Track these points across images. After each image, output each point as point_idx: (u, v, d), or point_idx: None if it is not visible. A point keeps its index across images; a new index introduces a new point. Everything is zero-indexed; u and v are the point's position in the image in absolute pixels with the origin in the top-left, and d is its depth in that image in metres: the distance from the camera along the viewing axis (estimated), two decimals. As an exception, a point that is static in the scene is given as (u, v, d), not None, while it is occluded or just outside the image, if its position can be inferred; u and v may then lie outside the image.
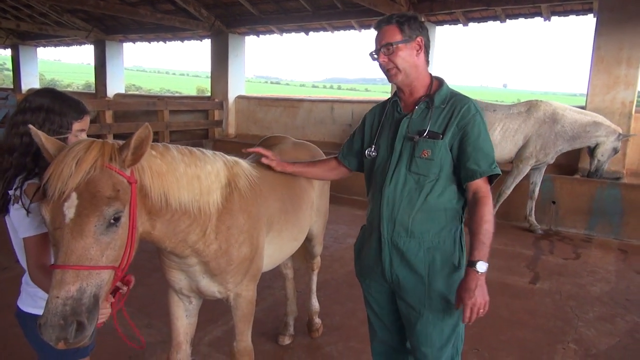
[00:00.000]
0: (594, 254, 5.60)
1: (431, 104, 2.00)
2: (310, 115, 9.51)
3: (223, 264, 2.07)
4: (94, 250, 1.41)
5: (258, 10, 9.58)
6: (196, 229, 1.91)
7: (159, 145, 1.78)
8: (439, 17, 8.33)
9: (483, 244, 1.87)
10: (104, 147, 1.48)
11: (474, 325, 3.65)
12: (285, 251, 2.71)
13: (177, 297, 2.29)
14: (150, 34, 11.84)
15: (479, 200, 1.93)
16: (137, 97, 13.68)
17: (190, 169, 1.83)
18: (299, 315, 3.69)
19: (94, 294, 1.41)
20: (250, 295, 2.31)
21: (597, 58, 6.62)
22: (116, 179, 1.48)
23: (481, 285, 1.84)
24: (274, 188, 2.45)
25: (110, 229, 1.45)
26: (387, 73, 2.02)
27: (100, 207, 1.41)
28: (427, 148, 1.95)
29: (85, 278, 1.39)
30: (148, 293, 4.19)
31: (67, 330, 1.34)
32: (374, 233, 2.10)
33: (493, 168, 1.94)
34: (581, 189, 6.36)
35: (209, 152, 2.05)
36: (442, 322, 2.03)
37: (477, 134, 1.93)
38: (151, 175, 1.63)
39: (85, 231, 1.40)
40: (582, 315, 4.01)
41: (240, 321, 2.33)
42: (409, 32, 1.97)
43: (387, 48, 1.95)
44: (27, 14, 12.34)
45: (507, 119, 6.12)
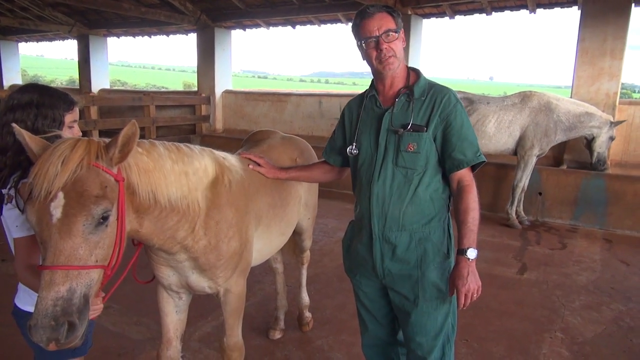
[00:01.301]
0: (579, 244, 5.69)
1: (411, 96, 2.00)
2: (298, 109, 9.48)
3: (212, 259, 2.07)
4: (83, 250, 1.40)
5: (244, 4, 9.50)
6: (185, 225, 1.89)
7: (145, 142, 1.77)
8: (425, 9, 8.33)
9: (471, 231, 1.90)
10: (90, 145, 1.46)
11: (463, 316, 3.71)
12: (274, 245, 2.72)
13: (166, 294, 2.28)
14: (135, 28, 11.67)
15: (463, 189, 1.96)
16: (123, 92, 13.49)
17: (177, 166, 1.81)
18: (290, 309, 3.70)
19: (84, 293, 1.40)
20: (240, 290, 2.31)
21: (582, 50, 6.68)
22: (103, 177, 1.46)
23: (472, 271, 1.88)
24: (262, 182, 2.45)
25: (99, 228, 1.43)
26: (384, 61, 1.95)
27: (88, 206, 1.40)
28: (412, 141, 1.96)
29: (74, 278, 1.38)
30: (137, 290, 4.11)
31: (58, 331, 1.33)
32: (364, 229, 2.10)
33: (478, 156, 1.97)
34: (567, 180, 6.44)
35: (196, 148, 2.04)
36: (435, 311, 2.06)
37: (460, 124, 1.95)
38: (138, 172, 1.62)
39: (73, 231, 1.38)
40: (568, 305, 4.07)
41: (231, 316, 2.32)
42: (399, 24, 1.98)
43: (388, 35, 1.93)
44: (8, 8, 12.05)
45: (501, 111, 6.16)
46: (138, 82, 68.67)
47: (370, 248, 2.07)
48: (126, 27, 11.72)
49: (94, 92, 11.99)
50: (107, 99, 9.99)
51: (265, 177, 2.45)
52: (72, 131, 1.85)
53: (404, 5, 7.96)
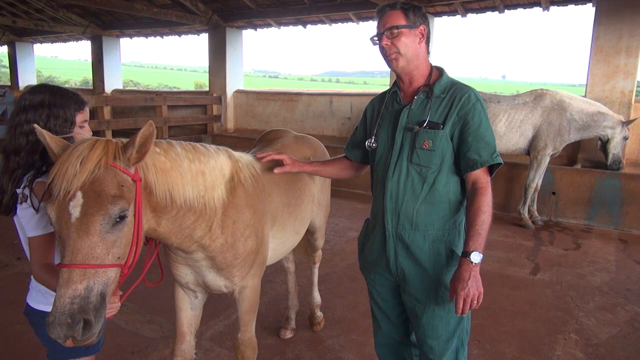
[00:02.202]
0: (594, 244, 5.61)
1: (431, 94, 1.98)
2: (309, 109, 9.48)
3: (229, 258, 2.08)
4: (100, 249, 1.42)
5: (255, 4, 9.52)
6: (202, 224, 1.91)
7: (163, 142, 1.79)
8: (437, 8, 8.27)
9: (479, 235, 1.84)
10: (108, 146, 1.48)
11: (475, 317, 3.69)
12: (288, 244, 2.72)
13: (182, 292, 2.31)
14: (147, 28, 11.76)
15: (477, 191, 1.91)
16: (135, 92, 13.61)
17: (194, 165, 1.83)
18: (301, 309, 3.70)
19: (101, 292, 1.42)
20: (255, 287, 2.33)
21: (596, 48, 6.59)
22: (121, 177, 1.48)
23: (475, 276, 1.81)
24: (276, 182, 2.46)
25: (116, 227, 1.45)
26: (387, 58, 1.98)
27: (106, 205, 1.42)
28: (427, 139, 1.94)
29: (92, 276, 1.40)
30: (150, 288, 4.17)
31: (74, 329, 1.35)
32: (378, 226, 2.09)
33: (494, 157, 1.91)
34: (581, 179, 6.36)
35: (212, 147, 2.06)
36: (448, 314, 2.03)
37: (478, 123, 1.91)
38: (155, 172, 1.64)
39: (91, 230, 1.40)
40: (582, 306, 4.02)
41: (246, 312, 2.34)
42: (414, 19, 1.95)
43: (391, 32, 1.93)
44: (24, 10, 12.25)
45: (512, 110, 6.09)
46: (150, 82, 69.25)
47: (384, 245, 2.06)
48: (138, 27, 11.82)
49: (107, 93, 12.13)
50: (120, 99, 10.08)
51: (277, 177, 2.45)
52: (83, 130, 1.87)
53: (416, 3, 7.91)
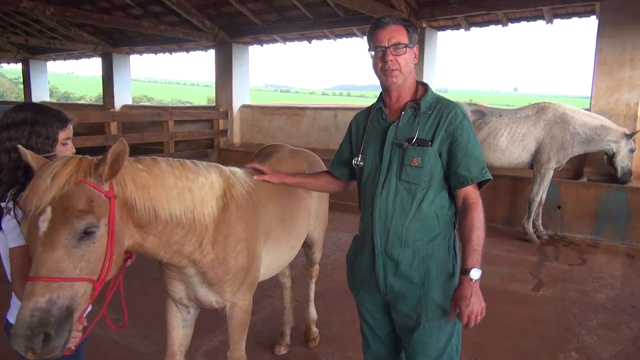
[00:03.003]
0: (600, 260, 5.51)
1: (418, 110, 1.98)
2: (314, 123, 9.52)
3: (220, 274, 2.09)
4: (66, 263, 1.43)
5: (261, 20, 9.65)
6: (191, 240, 1.93)
7: (147, 158, 1.82)
8: (440, 22, 8.30)
9: (475, 251, 1.85)
10: (81, 163, 1.51)
11: (474, 334, 3.62)
12: (284, 259, 2.72)
13: (175, 308, 2.32)
14: (156, 45, 11.97)
15: (469, 207, 1.91)
16: (143, 108, 13.83)
17: (180, 182, 1.85)
18: (297, 324, 3.68)
19: (67, 306, 1.42)
20: (246, 305, 2.33)
21: (600, 60, 6.54)
22: (91, 193, 1.49)
23: (476, 292, 1.83)
24: (271, 197, 2.46)
25: (83, 242, 1.46)
26: (386, 73, 1.96)
27: (71, 220, 1.43)
28: (416, 156, 1.93)
29: (55, 290, 1.40)
30: (147, 303, 4.20)
31: (33, 341, 1.36)
32: (367, 244, 2.07)
33: (484, 173, 1.92)
34: (587, 193, 6.26)
35: (202, 164, 2.08)
36: (438, 331, 2.00)
37: (466, 140, 1.91)
38: (135, 188, 1.66)
39: (55, 244, 1.41)
40: (585, 323, 3.93)
41: (235, 330, 2.34)
42: (413, 38, 1.97)
43: (397, 48, 1.93)
44: (37, 28, 12.57)
45: (514, 123, 6.05)
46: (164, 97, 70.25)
47: (372, 264, 2.04)
48: (148, 44, 12.03)
49: (117, 108, 12.31)
50: (126, 114, 10.23)
51: (273, 192, 2.46)
52: (66, 148, 1.89)
53: (419, 18, 7.96)
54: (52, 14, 8.09)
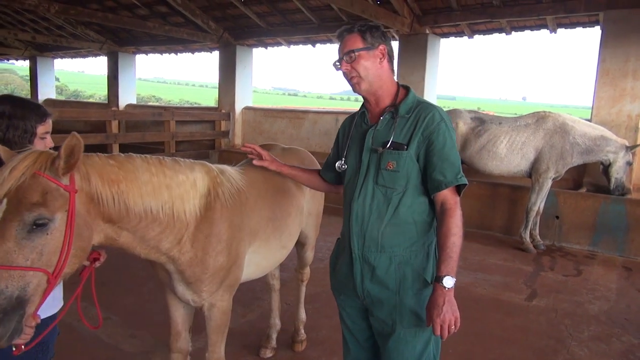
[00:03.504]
0: (595, 271, 5.45)
1: (396, 114, 1.96)
2: (315, 126, 9.52)
3: (198, 272, 2.09)
4: (16, 254, 1.44)
5: (265, 23, 9.69)
6: (169, 237, 1.93)
7: (122, 155, 1.83)
8: (444, 29, 8.30)
9: (450, 258, 1.80)
10: (40, 157, 1.52)
11: (463, 343, 3.59)
12: (275, 259, 2.70)
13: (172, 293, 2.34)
14: (162, 45, 12.05)
15: (445, 212, 1.87)
16: (146, 107, 13.90)
17: (157, 178, 1.85)
18: (286, 326, 3.66)
19: (17, 296, 1.43)
20: (225, 306, 2.31)
21: (603, 70, 6.50)
22: (47, 186, 1.50)
23: (449, 300, 1.78)
24: (261, 196, 2.46)
25: (34, 234, 1.46)
26: (350, 82, 1.99)
27: (22, 212, 1.45)
28: (391, 160, 1.91)
29: (4, 279, 1.41)
30: (137, 302, 4.20)
31: None
32: (346, 248, 2.06)
33: (459, 178, 1.88)
34: (585, 203, 6.21)
35: (186, 162, 2.08)
36: (414, 338, 1.97)
37: (442, 143, 1.88)
38: (102, 182, 1.66)
39: (6, 235, 1.43)
40: (576, 335, 3.88)
41: (214, 332, 2.32)
42: (371, 40, 1.94)
43: (350, 56, 1.92)
44: (45, 26, 12.69)
45: (514, 132, 6.02)
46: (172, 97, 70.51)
47: (351, 268, 2.02)
48: (154, 44, 12.11)
49: (119, 107, 12.37)
50: (127, 113, 10.29)
51: (263, 191, 2.47)
52: (44, 142, 1.90)
53: (422, 24, 7.96)
54: (57, 12, 8.15)
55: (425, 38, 8.05)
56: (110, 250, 2.01)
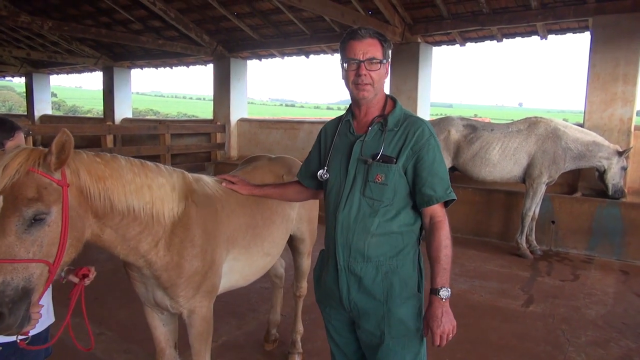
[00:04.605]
0: (593, 276, 5.43)
1: (385, 126, 1.95)
2: (310, 136, 9.54)
3: (173, 277, 2.12)
4: (18, 248, 1.50)
5: (259, 35, 9.75)
6: (147, 238, 1.98)
7: (107, 154, 1.90)
8: (435, 37, 8.35)
9: (444, 270, 1.84)
10: (31, 153, 1.58)
11: (459, 350, 3.57)
12: (258, 266, 2.70)
13: (149, 309, 2.37)
14: (157, 59, 12.11)
15: (435, 225, 1.89)
16: (142, 121, 13.95)
17: (139, 178, 1.92)
18: (282, 339, 3.69)
19: (22, 287, 1.50)
20: (204, 312, 2.31)
21: (593, 75, 6.54)
22: (41, 181, 1.56)
23: (447, 311, 1.82)
24: (240, 203, 2.47)
25: (34, 228, 1.53)
26: (360, 87, 1.93)
27: (20, 208, 1.50)
28: (380, 172, 1.90)
29: (9, 272, 1.47)
30: (130, 317, 4.17)
31: None
32: (331, 259, 2.03)
33: (448, 193, 1.90)
34: (581, 208, 6.21)
35: (165, 167, 2.14)
36: (403, 349, 1.95)
37: (432, 159, 1.89)
38: (90, 178, 1.73)
39: (7, 230, 1.49)
40: (573, 340, 3.86)
41: (196, 340, 2.33)
42: (387, 54, 1.95)
43: (371, 62, 1.90)
44: (40, 43, 12.76)
45: (506, 138, 6.04)
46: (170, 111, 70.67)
47: (336, 279, 2.00)
48: (148, 59, 12.17)
49: (115, 122, 12.38)
50: (122, 127, 10.33)
51: (243, 199, 2.48)
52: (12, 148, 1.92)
53: (413, 33, 8.01)
54: (51, 28, 8.20)
55: (417, 47, 8.11)
56: (103, 264, 2.03)
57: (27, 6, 10.32)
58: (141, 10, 9.61)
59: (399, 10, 7.71)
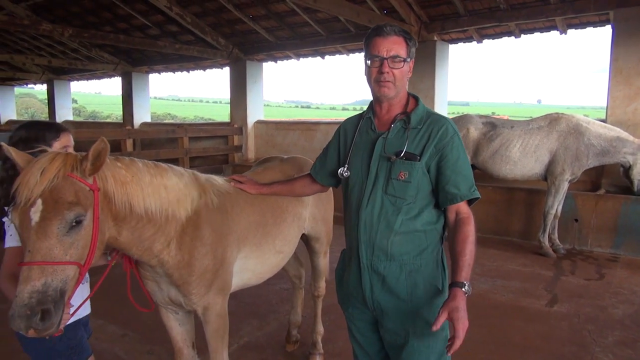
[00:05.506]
0: (619, 274, 5.31)
1: (408, 124, 1.94)
2: (327, 137, 9.50)
3: (185, 275, 2.15)
4: (58, 250, 1.55)
5: (274, 37, 9.79)
6: (160, 238, 2.01)
7: (126, 158, 1.94)
8: (452, 35, 8.27)
9: (469, 265, 1.79)
10: (67, 158, 1.63)
11: (482, 351, 3.53)
12: (270, 264, 2.72)
13: (164, 309, 2.40)
14: (174, 64, 12.25)
15: (462, 221, 1.86)
16: (160, 125, 14.14)
17: (156, 179, 1.96)
18: (303, 340, 3.68)
19: (60, 288, 1.54)
20: (218, 309, 2.34)
21: (616, 69, 6.40)
22: (77, 186, 1.62)
23: (465, 308, 1.74)
24: (250, 202, 2.50)
25: (73, 231, 1.58)
26: (382, 84, 1.92)
27: (62, 211, 1.55)
28: (404, 170, 1.89)
29: (50, 274, 1.52)
30: (153, 318, 4.18)
31: (32, 319, 1.47)
32: (353, 258, 2.02)
33: (472, 192, 1.88)
34: (605, 205, 6.07)
35: (177, 168, 2.17)
36: (427, 349, 1.93)
37: (456, 157, 1.87)
38: (114, 183, 1.78)
39: (48, 233, 1.53)
40: (600, 340, 3.77)
41: (213, 337, 2.36)
42: (411, 52, 1.94)
43: (394, 60, 1.89)
44: (60, 50, 13.04)
45: (527, 135, 5.94)
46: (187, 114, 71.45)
47: (359, 278, 1.99)
48: (166, 63, 12.33)
49: (134, 126, 12.57)
50: (141, 131, 10.48)
51: (252, 197, 2.51)
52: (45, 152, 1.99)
53: (429, 31, 7.95)
54: (71, 35, 8.37)
55: (434, 45, 8.04)
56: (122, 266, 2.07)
57: (48, 15, 10.57)
58: (158, 16, 9.75)
59: (415, 8, 7.66)
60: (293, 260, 3.56)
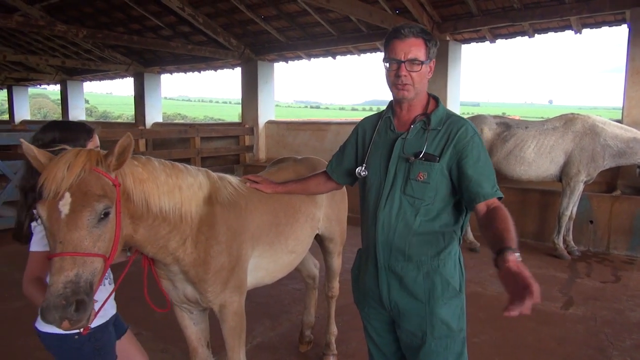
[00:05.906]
0: (635, 277, 5.24)
1: (428, 125, 1.93)
2: (337, 137, 9.52)
3: (201, 273, 2.16)
4: (87, 242, 1.57)
5: (285, 37, 9.80)
6: (176, 237, 2.02)
7: (142, 157, 1.95)
8: (464, 35, 8.22)
9: (514, 239, 1.62)
10: (91, 154, 1.66)
11: (496, 354, 3.49)
12: (283, 263, 2.73)
13: (178, 308, 2.42)
14: (185, 64, 12.32)
15: (495, 208, 1.80)
16: (172, 125, 14.22)
17: (171, 179, 1.97)
18: (317, 340, 3.68)
19: (90, 281, 1.56)
20: (235, 307, 2.35)
21: (632, 69, 6.31)
22: (103, 180, 1.65)
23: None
24: (263, 201, 2.51)
25: (101, 223, 1.61)
26: (399, 87, 1.91)
27: (92, 203, 1.58)
28: (423, 170, 1.88)
29: (81, 265, 1.54)
30: (168, 317, 4.21)
31: (67, 310, 1.46)
32: (370, 258, 2.02)
33: (495, 191, 1.85)
34: (620, 207, 6.00)
35: (191, 167, 2.19)
36: (445, 350, 1.92)
37: (477, 157, 1.86)
38: (133, 181, 1.80)
39: (79, 224, 1.56)
40: (617, 344, 3.73)
41: (230, 335, 2.37)
42: (431, 53, 1.93)
43: (412, 63, 1.88)
44: (74, 51, 13.16)
45: (541, 135, 5.88)
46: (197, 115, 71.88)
47: (376, 278, 1.99)
48: (177, 64, 12.39)
49: (146, 126, 12.65)
50: (154, 132, 10.53)
51: (266, 197, 2.51)
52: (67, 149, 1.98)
53: (442, 31, 7.90)
54: (85, 36, 8.44)
55: (446, 45, 7.99)
56: (137, 264, 2.08)
57: (62, 16, 10.68)
58: (171, 17, 9.81)
59: (427, 8, 7.62)
60: (307, 260, 3.56)
